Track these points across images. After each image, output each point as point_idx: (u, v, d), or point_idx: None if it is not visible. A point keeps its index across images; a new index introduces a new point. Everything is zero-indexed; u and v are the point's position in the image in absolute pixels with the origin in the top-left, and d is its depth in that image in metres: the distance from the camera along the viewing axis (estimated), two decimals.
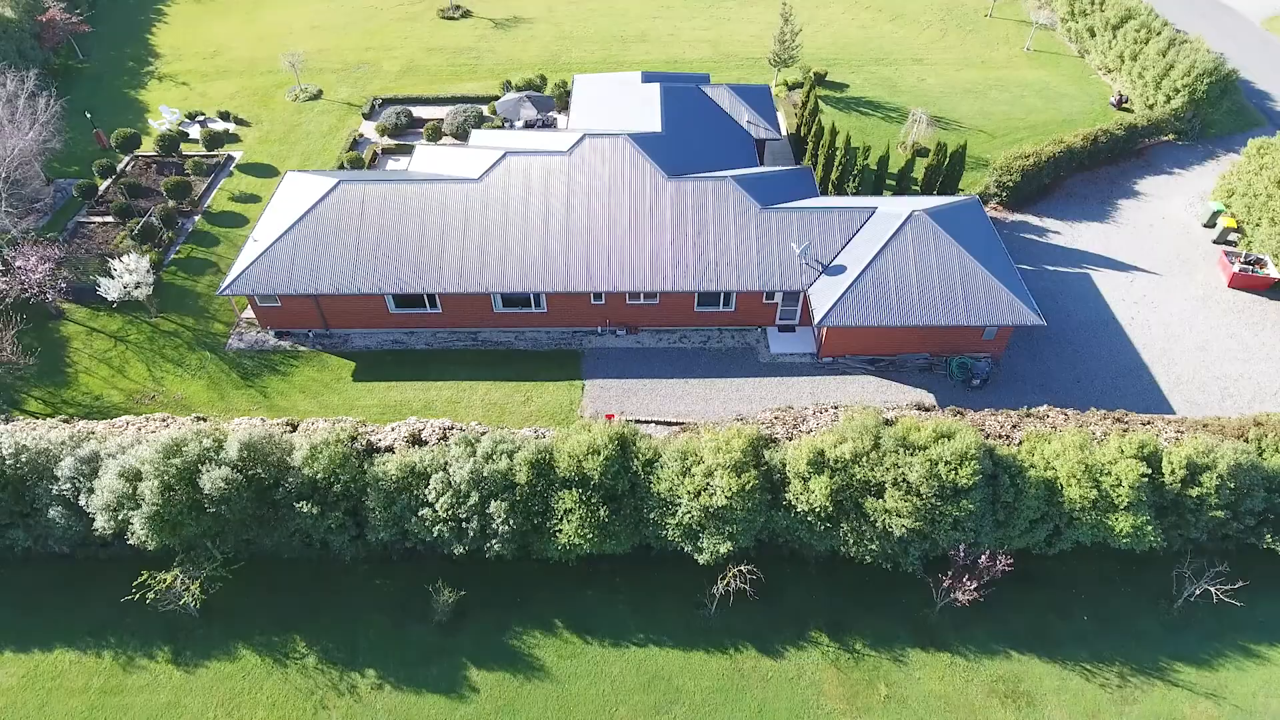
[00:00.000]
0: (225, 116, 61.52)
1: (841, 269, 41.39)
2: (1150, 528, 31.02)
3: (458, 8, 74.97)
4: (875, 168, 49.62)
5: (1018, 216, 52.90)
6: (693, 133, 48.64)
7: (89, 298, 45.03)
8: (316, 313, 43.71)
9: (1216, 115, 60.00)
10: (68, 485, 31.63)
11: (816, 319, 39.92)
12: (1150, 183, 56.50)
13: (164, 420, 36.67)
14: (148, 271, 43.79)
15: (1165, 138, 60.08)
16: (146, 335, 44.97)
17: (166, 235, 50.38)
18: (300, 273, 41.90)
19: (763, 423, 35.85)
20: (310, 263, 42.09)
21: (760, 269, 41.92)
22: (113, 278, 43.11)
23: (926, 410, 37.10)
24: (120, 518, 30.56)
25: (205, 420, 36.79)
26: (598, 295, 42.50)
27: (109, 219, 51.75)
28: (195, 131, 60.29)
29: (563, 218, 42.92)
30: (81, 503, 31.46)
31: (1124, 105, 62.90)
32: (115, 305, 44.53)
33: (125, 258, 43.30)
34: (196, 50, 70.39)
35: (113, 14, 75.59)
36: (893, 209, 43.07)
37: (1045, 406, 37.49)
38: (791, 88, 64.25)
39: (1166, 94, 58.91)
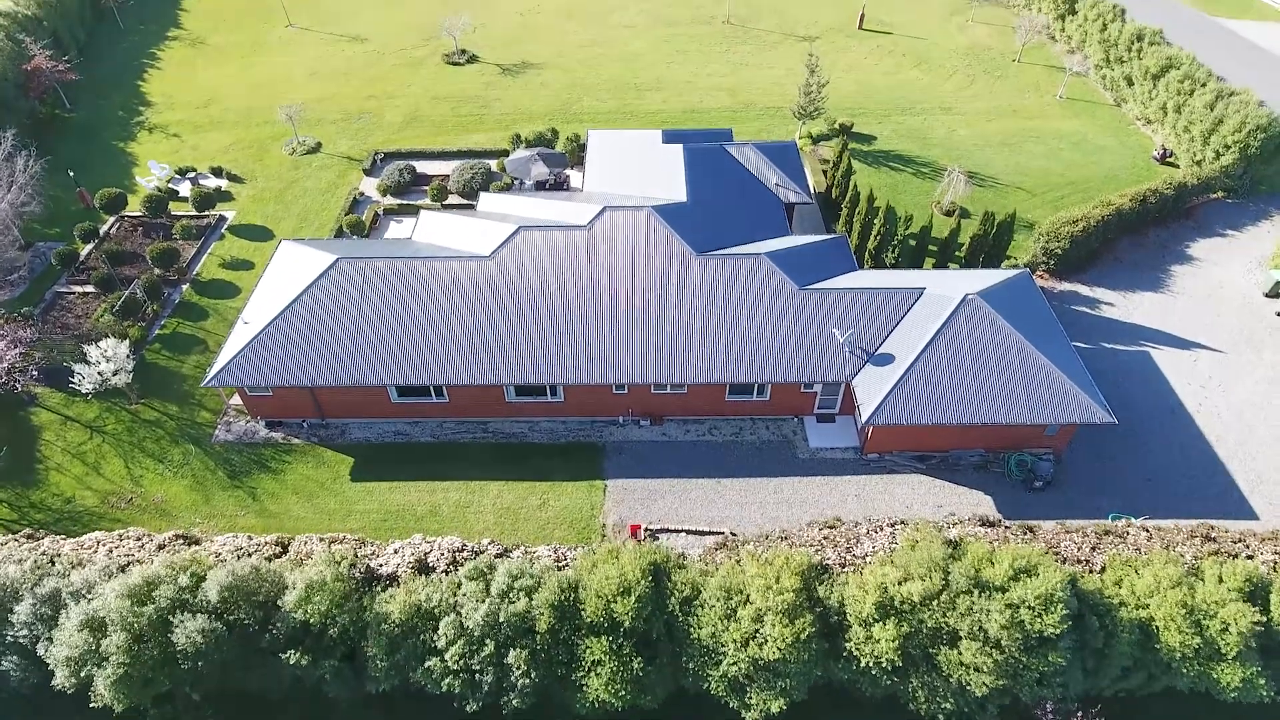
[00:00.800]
0: (218, 172, 58.03)
1: (889, 359, 37.67)
2: (1263, 680, 27.15)
3: (463, 52, 71.80)
4: (916, 238, 46.04)
5: (1066, 286, 49.31)
6: (720, 200, 45.12)
7: (65, 379, 41.14)
8: (311, 402, 39.92)
9: (1269, 172, 56.63)
10: (24, 631, 27.70)
11: (863, 417, 36.13)
12: (1203, 246, 53.00)
13: (139, 539, 32.74)
14: (128, 357, 40.02)
15: (1214, 195, 56.69)
16: (125, 425, 41.12)
17: (151, 309, 46.67)
18: (293, 362, 38.13)
19: (811, 543, 31.98)
20: (304, 350, 38.34)
21: (799, 358, 38.18)
22: (88, 364, 39.34)
23: (992, 525, 33.23)
24: (83, 674, 26.59)
25: (184, 539, 32.84)
26: (620, 385, 38.74)
27: (90, 289, 48.13)
28: (185, 189, 56.80)
29: (582, 300, 39.24)
30: (40, 652, 27.51)
31: (1168, 160, 59.54)
32: (90, 396, 40.66)
33: (102, 343, 39.54)
34: (189, 99, 67.06)
35: (104, 59, 72.39)
36: (942, 289, 39.42)
37: (1124, 521, 33.67)
38: (816, 140, 60.92)
39: (1216, 150, 55.55)
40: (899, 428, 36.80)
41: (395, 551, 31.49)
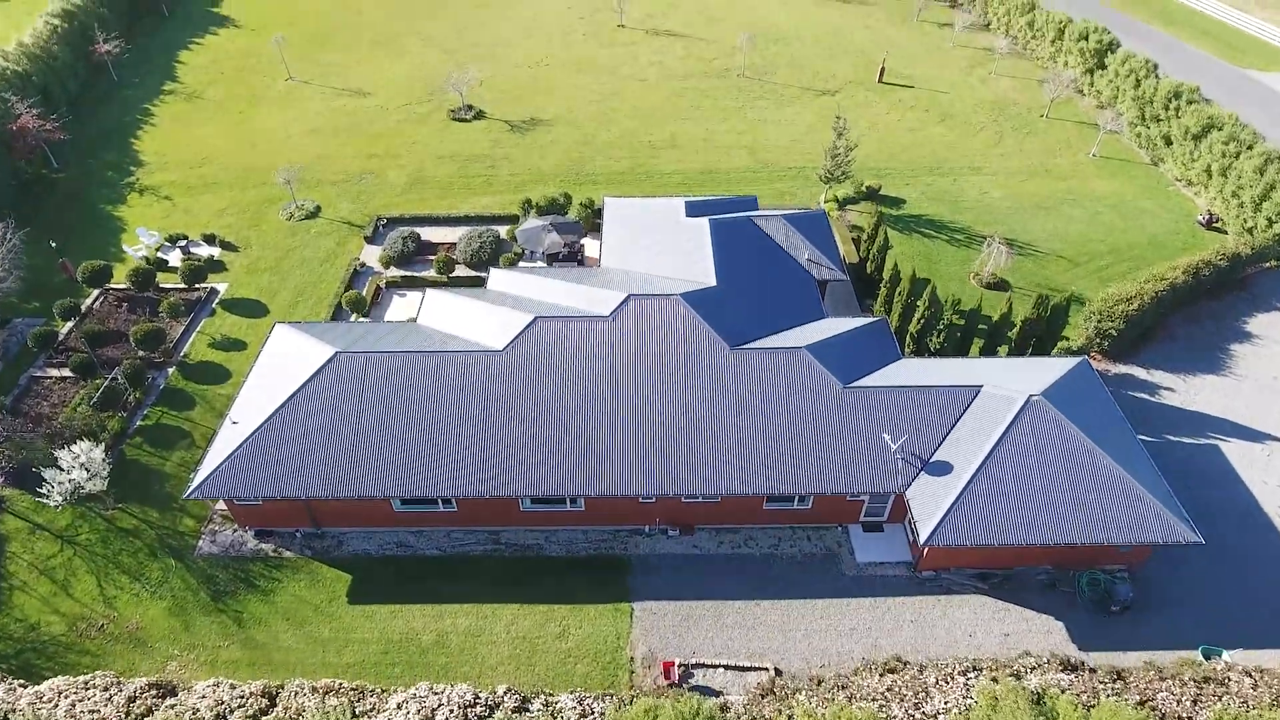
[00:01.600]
0: (211, 240, 54.71)
1: (946, 468, 34.02)
2: None
3: (469, 108, 68.98)
4: (964, 320, 42.63)
5: (1121, 368, 45.85)
6: (751, 281, 41.76)
7: (35, 481, 37.16)
8: (305, 510, 36.15)
9: None
10: None
11: (921, 537, 32.37)
12: (1261, 321, 49.65)
13: (106, 689, 28.78)
14: (104, 461, 36.32)
15: (1268, 265, 53.53)
16: (100, 534, 37.28)
17: (132, 396, 43.05)
18: (286, 471, 34.42)
19: (872, 695, 28.08)
20: (298, 458, 34.64)
21: (845, 465, 34.53)
22: (60, 469, 35.60)
23: (1074, 670, 29.34)
24: None
25: (157, 688, 28.88)
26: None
27: (68, 374, 44.52)
28: (176, 258, 53.45)
29: (604, 400, 35.62)
30: None
31: (1214, 225, 56.47)
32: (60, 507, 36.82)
33: (77, 447, 35.84)
34: (183, 157, 64.00)
35: (96, 114, 69.46)
36: (1000, 385, 35.84)
37: (1224, 662, 29.85)
38: (843, 204, 57.82)
39: (1269, 217, 52.43)
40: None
41: (399, 706, 27.61)
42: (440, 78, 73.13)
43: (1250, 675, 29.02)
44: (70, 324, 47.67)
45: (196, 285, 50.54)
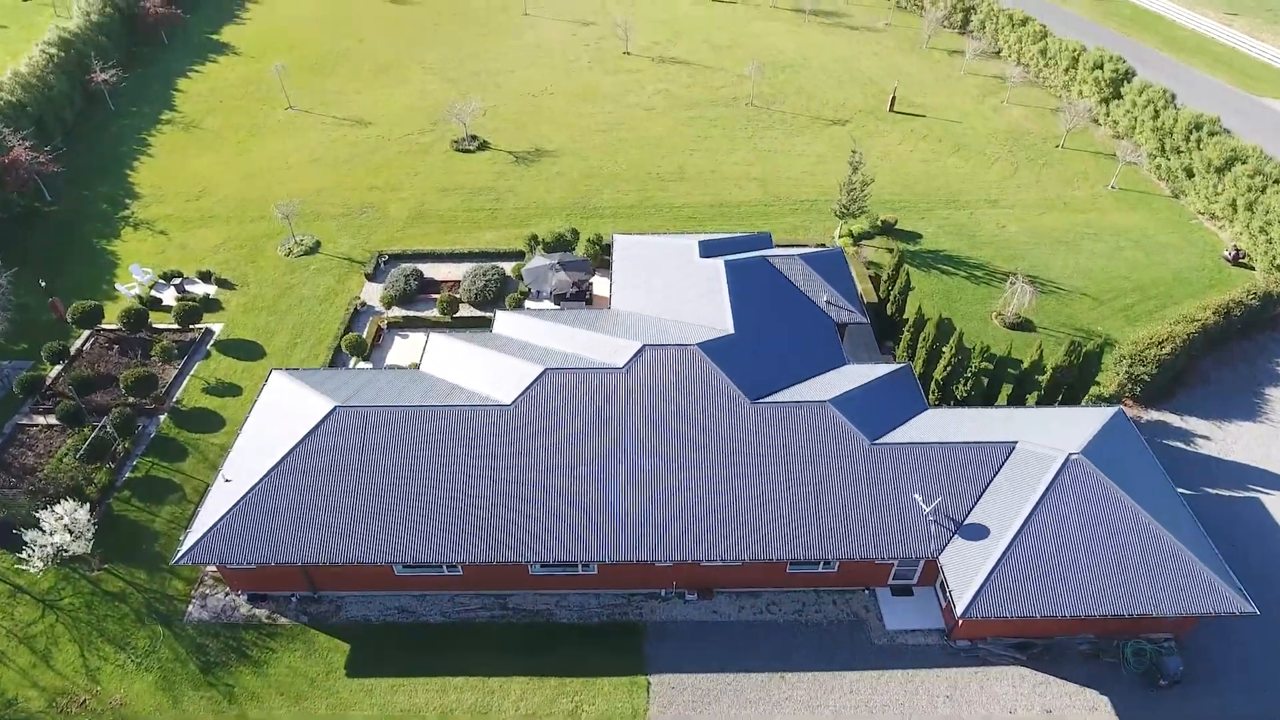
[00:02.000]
0: (206, 277, 52.97)
1: (982, 531, 32.10)
2: None
3: (473, 138, 67.51)
4: (992, 365, 40.81)
5: (1154, 415, 44.04)
6: (769, 327, 39.97)
7: (17, 541, 35.11)
8: (301, 573, 34.14)
9: None
10: None
11: (957, 608, 30.41)
12: None
13: None
14: (89, 521, 34.37)
15: None
16: (84, 599, 35.25)
17: (121, 446, 41.13)
18: (281, 535, 32.47)
19: None
20: (294, 522, 32.69)
21: (873, 527, 32.62)
22: (42, 530, 33.62)
23: None
24: None
25: None
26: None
27: (54, 422, 42.63)
28: (170, 296, 51.70)
29: (618, 458, 33.72)
30: None
31: (1240, 260, 54.87)
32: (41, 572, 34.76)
33: (60, 507, 33.90)
34: (180, 189, 62.39)
35: (91, 145, 67.93)
36: (1036, 443, 33.96)
37: None
38: (858, 239, 56.18)
39: None
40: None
41: None
42: (443, 107, 71.75)
43: None
44: (58, 368, 45.85)
45: (191, 325, 48.74)
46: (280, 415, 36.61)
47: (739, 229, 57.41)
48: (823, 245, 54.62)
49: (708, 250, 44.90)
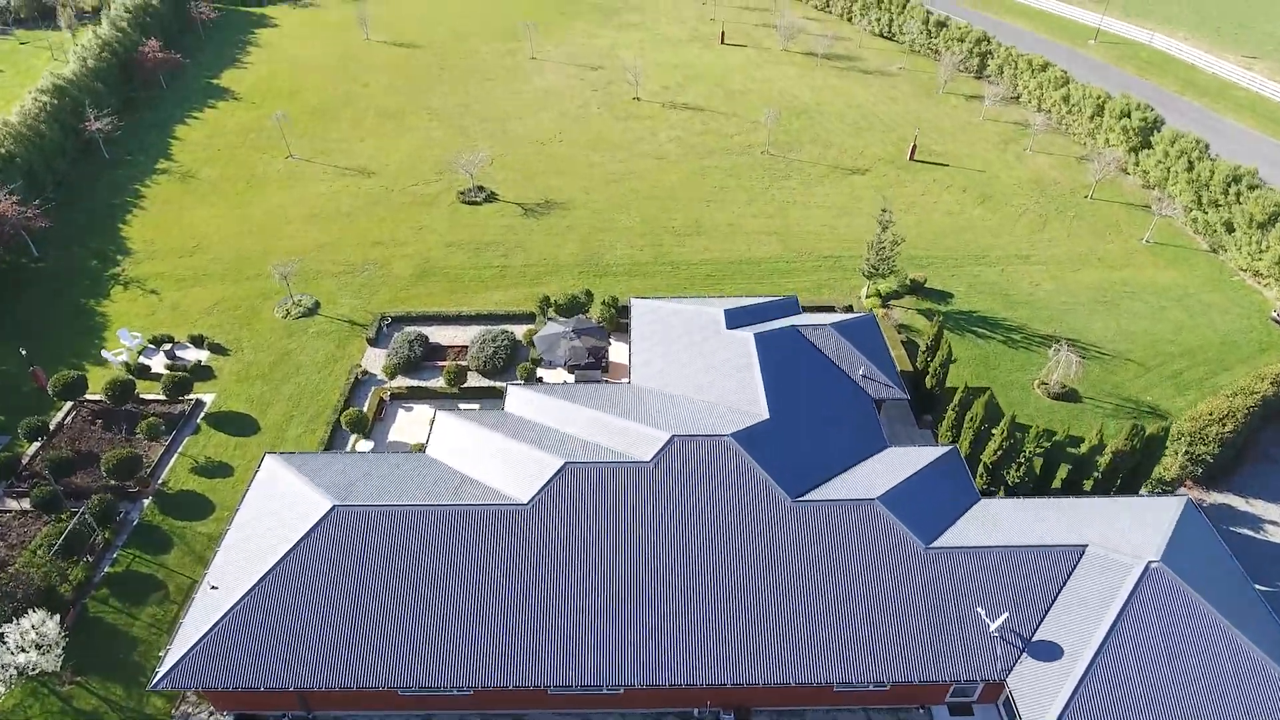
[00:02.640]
0: (199, 341, 50.01)
1: (1054, 650, 28.79)
2: None
3: (480, 189, 65.00)
4: (1046, 446, 37.66)
5: (1217, 498, 40.89)
6: (805, 408, 36.91)
7: None
8: (294, 693, 30.70)
9: None
10: None
11: None
12: None
13: None
14: (60, 633, 31.00)
15: None
16: (54, 717, 31.73)
17: (101, 538, 37.83)
18: (271, 656, 29.12)
19: None
20: (286, 640, 29.36)
21: (932, 645, 29.32)
22: (4, 643, 30.25)
23: None
24: None
25: None
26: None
27: (29, 507, 39.35)
28: (159, 362, 48.70)
29: (646, 565, 30.50)
30: None
31: None
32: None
33: (27, 620, 30.55)
34: (174, 244, 59.67)
35: (83, 196, 65.36)
36: (1109, 547, 30.76)
37: None
38: (886, 299, 53.38)
39: None
40: None
41: None
42: (448, 156, 69.44)
43: None
44: (36, 445, 42.67)
45: (181, 397, 45.63)
46: (273, 510, 33.38)
47: (759, 287, 54.78)
48: (850, 308, 51.86)
49: (734, 320, 42.01)
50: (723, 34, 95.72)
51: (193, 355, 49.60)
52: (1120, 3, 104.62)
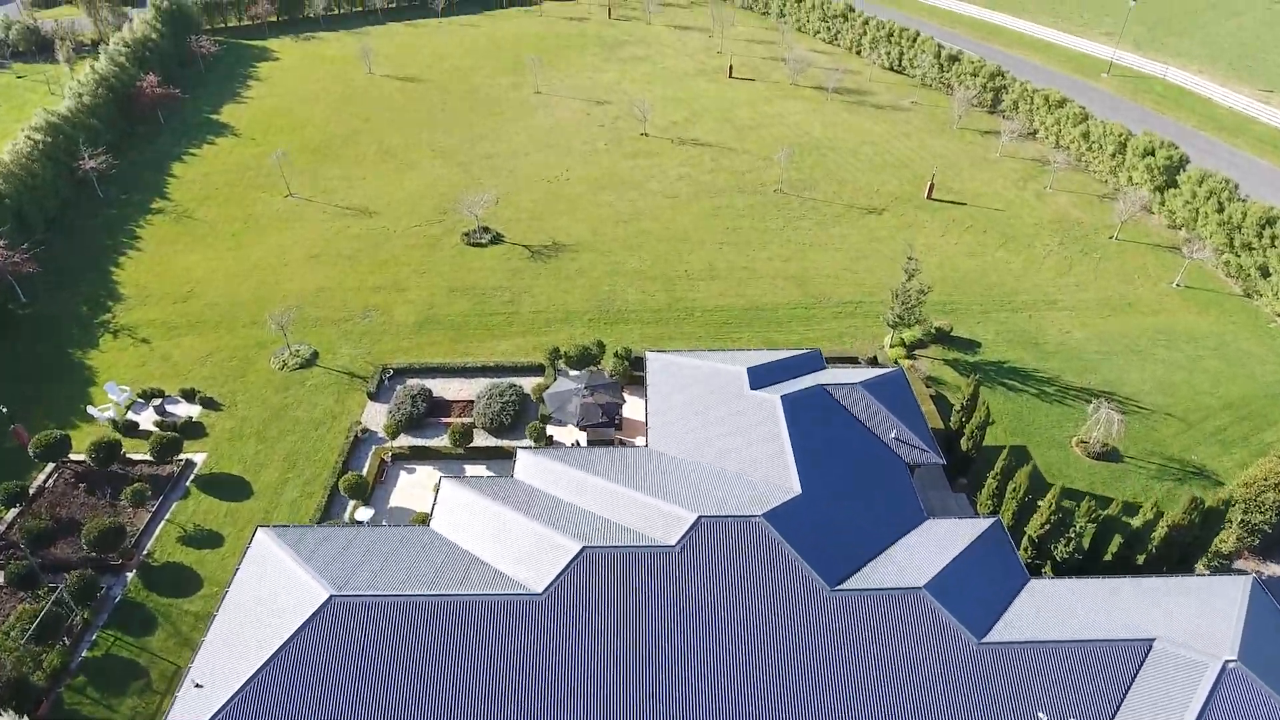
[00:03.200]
0: (190, 396, 47.49)
1: None
2: None
3: (485, 230, 62.87)
4: (1097, 519, 35.01)
5: (1275, 568, 38.26)
6: (838, 479, 34.38)
7: None
8: None
9: None
10: None
11: None
12: None
13: None
14: None
15: None
16: None
17: (79, 618, 35.10)
18: None
19: None
20: None
21: None
22: None
23: None
24: None
25: None
26: None
27: (3, 583, 36.66)
28: (148, 418, 46.22)
29: (670, 662, 27.84)
30: None
31: None
32: None
33: None
34: (167, 289, 57.39)
35: (75, 236, 63.26)
36: (1178, 642, 28.13)
37: None
38: (911, 348, 51.05)
39: None
40: None
41: None
42: (452, 195, 67.51)
43: None
44: (14, 512, 40.04)
45: (170, 458, 43.04)
46: (264, 596, 30.73)
47: (778, 336, 52.50)
48: (875, 359, 49.53)
49: (757, 379, 39.57)
50: (730, 67, 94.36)
51: (184, 410, 47.12)
52: (1131, 36, 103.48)
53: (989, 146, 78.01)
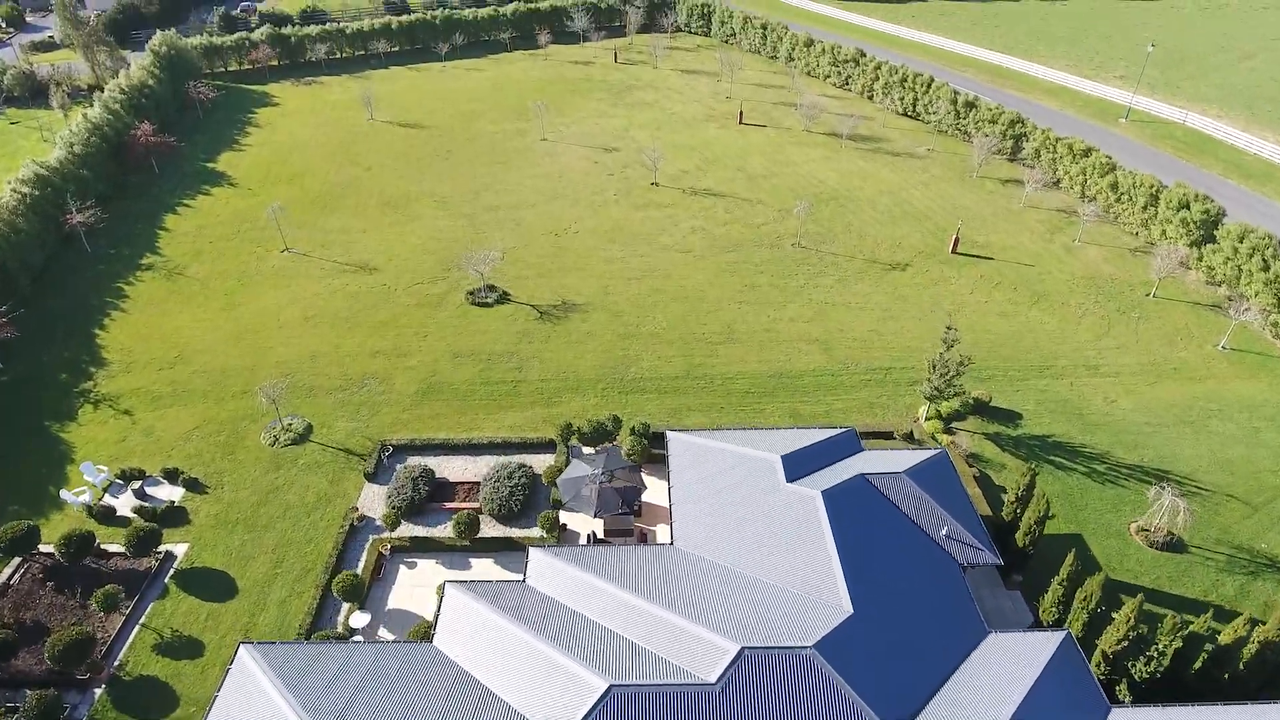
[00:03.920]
0: (173, 476, 43.97)
1: None
2: None
3: (491, 289, 59.74)
4: (1182, 636, 31.30)
5: None
6: (891, 591, 30.77)
7: None
8: None
9: None
10: None
11: None
12: None
13: None
14: None
15: None
16: None
17: None
18: None
19: None
20: None
21: None
22: None
23: None
24: None
25: None
26: None
27: None
28: (126, 502, 42.68)
29: None
30: None
31: None
32: None
33: None
34: (153, 353, 54.09)
35: (60, 295, 60.14)
36: None
37: None
38: (948, 421, 47.66)
39: None
40: None
41: None
42: (456, 249, 64.67)
43: None
44: None
45: (151, 550, 39.33)
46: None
47: (805, 407, 49.16)
48: (911, 434, 46.13)
49: (792, 468, 36.06)
50: (741, 113, 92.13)
51: (165, 493, 43.53)
52: (1146, 79, 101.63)
53: (1011, 196, 75.35)
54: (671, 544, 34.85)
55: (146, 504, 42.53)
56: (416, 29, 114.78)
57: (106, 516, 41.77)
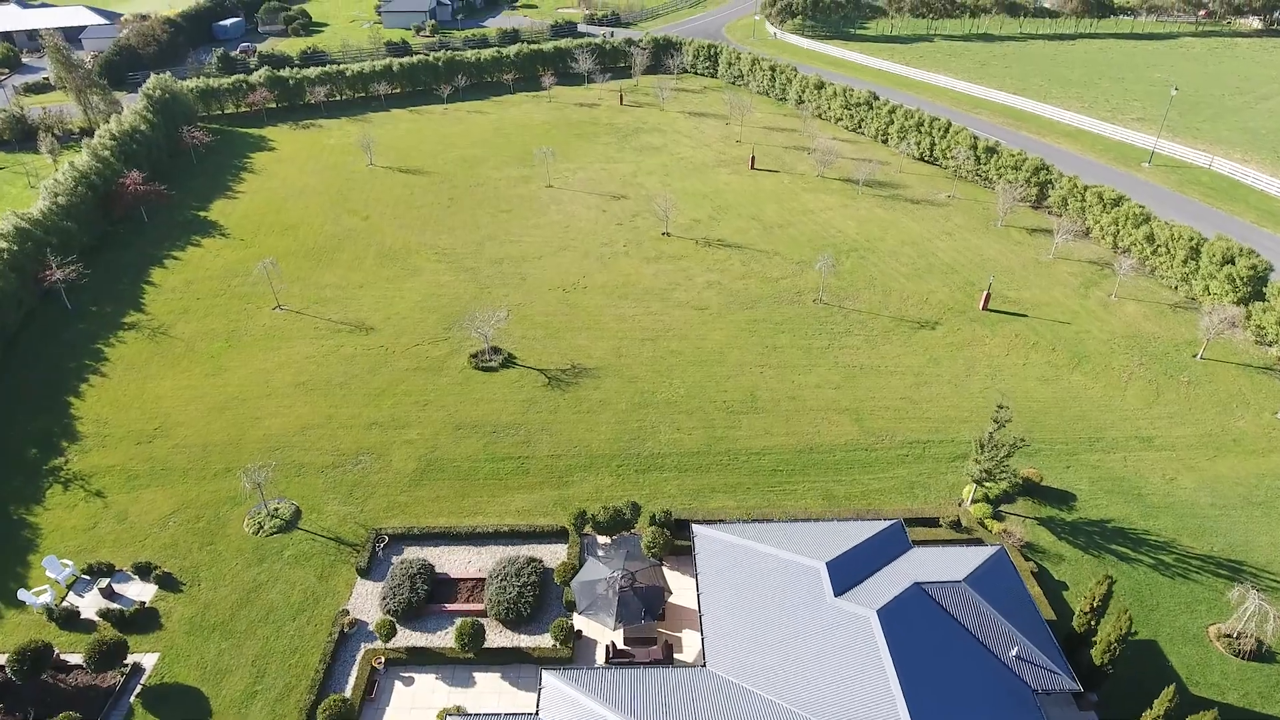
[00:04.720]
0: (145, 571, 39.74)
1: None
2: None
3: (495, 351, 55.97)
4: None
5: None
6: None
7: None
8: None
9: None
10: None
11: None
12: None
13: None
14: None
15: None
16: None
17: None
18: None
19: None
20: None
21: None
22: None
23: None
24: None
25: None
26: None
27: None
28: (92, 602, 38.43)
29: None
30: None
31: None
32: None
33: None
34: (131, 425, 50.13)
35: (33, 359, 56.30)
36: None
37: None
38: (996, 504, 43.62)
39: None
40: None
41: None
42: (458, 306, 61.13)
43: None
44: None
45: (117, 663, 35.02)
46: None
47: (837, 488, 45.19)
48: (958, 522, 42.06)
49: (840, 578, 31.96)
50: (753, 158, 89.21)
51: (136, 591, 39.29)
52: (1168, 123, 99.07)
53: (1039, 247, 71.98)
54: (704, 666, 30.67)
55: (114, 605, 38.30)
56: (418, 71, 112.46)
57: (69, 620, 37.52)
